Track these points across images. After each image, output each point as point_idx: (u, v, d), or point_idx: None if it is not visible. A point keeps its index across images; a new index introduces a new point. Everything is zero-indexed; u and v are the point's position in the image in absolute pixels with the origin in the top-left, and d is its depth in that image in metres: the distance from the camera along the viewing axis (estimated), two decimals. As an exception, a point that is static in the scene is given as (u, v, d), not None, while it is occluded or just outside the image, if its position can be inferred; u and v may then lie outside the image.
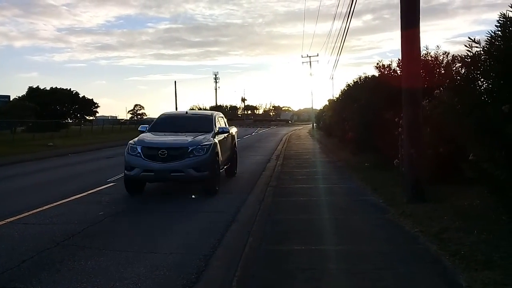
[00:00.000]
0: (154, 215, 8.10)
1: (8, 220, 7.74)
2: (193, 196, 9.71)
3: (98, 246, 6.11)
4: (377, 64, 12.79)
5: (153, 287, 4.60)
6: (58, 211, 8.53)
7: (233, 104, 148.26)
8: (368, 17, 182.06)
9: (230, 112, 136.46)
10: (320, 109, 45.94)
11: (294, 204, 8.56)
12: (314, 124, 54.36)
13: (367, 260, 5.02)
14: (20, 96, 61.61)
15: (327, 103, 35.54)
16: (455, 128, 7.06)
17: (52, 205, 9.07)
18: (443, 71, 11.61)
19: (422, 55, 10.16)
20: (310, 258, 5.17)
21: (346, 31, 17.38)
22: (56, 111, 60.08)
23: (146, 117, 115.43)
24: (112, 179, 12.78)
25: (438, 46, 11.50)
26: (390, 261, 4.96)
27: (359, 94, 14.75)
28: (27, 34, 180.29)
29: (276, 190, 10.06)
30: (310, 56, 59.96)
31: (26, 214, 8.23)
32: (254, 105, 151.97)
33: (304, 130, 58.34)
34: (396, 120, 9.66)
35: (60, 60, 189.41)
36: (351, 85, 19.09)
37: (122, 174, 10.02)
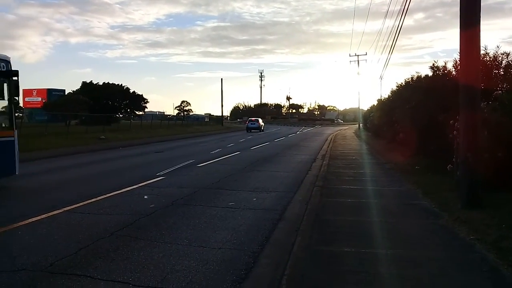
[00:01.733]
0: (202, 209, 8.22)
1: (66, 209, 8.12)
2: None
3: (149, 237, 6.29)
4: (433, 64, 12.40)
5: (204, 281, 4.67)
6: (111, 202, 8.85)
7: (278, 103, 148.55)
8: (420, 15, 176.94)
9: (274, 111, 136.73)
10: (368, 109, 44.99)
11: (342, 205, 8.44)
12: (361, 125, 53.33)
13: (421, 266, 4.87)
14: (75, 90, 64.34)
15: (375, 103, 34.78)
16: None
17: (105, 196, 9.42)
18: (502, 72, 11.11)
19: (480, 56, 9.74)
20: (360, 260, 5.08)
21: (399, 29, 16.93)
22: (107, 106, 62.19)
23: (192, 114, 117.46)
24: (162, 172, 13.12)
25: (498, 47, 10.99)
26: (445, 268, 4.78)
27: (411, 94, 14.31)
28: (82, 31, 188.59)
29: (323, 190, 9.96)
30: (358, 55, 58.78)
31: (82, 203, 8.59)
32: (299, 104, 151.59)
33: (350, 130, 57.44)
34: (451, 122, 9.32)
35: (112, 57, 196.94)
36: (402, 85, 18.59)
37: (172, 169, 10.24)
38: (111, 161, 18.07)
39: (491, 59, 11.10)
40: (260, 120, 57.68)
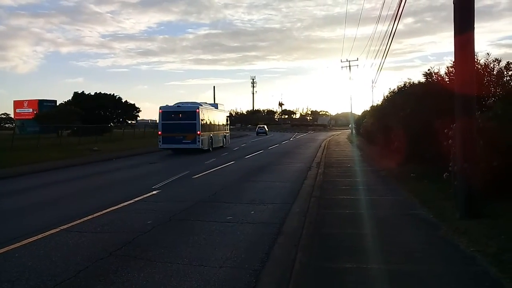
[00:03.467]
0: (200, 224, 8.17)
1: (63, 227, 8.03)
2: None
3: (149, 257, 6.23)
4: (428, 70, 12.50)
5: (207, 303, 4.63)
6: (108, 219, 8.78)
7: (270, 109, 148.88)
8: (409, 20, 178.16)
9: (267, 117, 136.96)
10: (361, 114, 45.19)
11: (340, 217, 8.43)
12: (353, 130, 53.54)
13: (422, 281, 4.87)
14: (66, 101, 64.06)
15: (368, 108, 34.97)
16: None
17: (102, 212, 9.34)
18: (493, 79, 11.19)
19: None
20: (362, 277, 5.06)
21: (393, 34, 16.98)
22: (100, 116, 62.00)
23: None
24: (157, 186, 13.05)
25: (488, 54, 11.07)
26: (447, 283, 4.78)
27: (405, 101, 14.38)
28: (73, 40, 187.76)
29: (320, 202, 9.95)
30: (349, 61, 59.22)
31: (78, 221, 8.51)
32: (291, 110, 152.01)
33: (342, 135, 57.63)
34: (445, 131, 9.36)
35: (103, 66, 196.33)
36: (395, 91, 18.68)
37: (167, 181, 10.19)
38: (105, 174, 17.94)
39: (483, 66, 11.18)
40: (266, 127, 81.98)
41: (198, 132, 27.23)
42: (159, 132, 27.93)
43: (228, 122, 38.25)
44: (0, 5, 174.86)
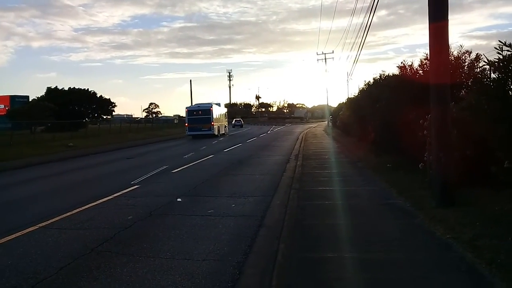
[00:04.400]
0: (182, 219, 8.17)
1: (41, 224, 7.93)
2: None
3: (131, 252, 6.22)
4: (401, 63, 12.75)
5: (192, 296, 4.66)
6: (87, 215, 8.69)
7: (247, 102, 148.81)
8: (382, 12, 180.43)
9: (244, 110, 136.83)
10: (338, 106, 45.67)
11: (320, 208, 8.56)
12: (330, 122, 54.07)
13: (403, 268, 5.02)
14: (39, 96, 62.49)
15: (344, 100, 35.36)
16: (485, 132, 6.99)
17: (81, 208, 9.25)
18: (466, 71, 11.48)
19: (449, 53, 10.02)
20: (343, 266, 5.19)
21: (368, 27, 17.23)
22: (74, 111, 60.75)
23: (161, 116, 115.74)
24: (136, 181, 12.96)
25: (461, 46, 11.34)
26: (426, 270, 4.94)
27: (380, 93, 14.63)
28: (45, 34, 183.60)
29: (299, 193, 10.07)
30: (325, 54, 59.69)
31: (57, 218, 8.41)
32: (268, 103, 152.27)
33: (319, 128, 58.13)
34: (420, 122, 9.58)
35: (77, 60, 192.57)
36: (370, 83, 18.96)
37: (145, 176, 10.13)
38: (82, 170, 17.69)
39: (455, 57, 11.45)
40: (242, 120, 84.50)
41: (212, 123, 40.79)
42: (186, 124, 41.82)
43: (227, 116, 53.27)
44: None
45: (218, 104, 48.56)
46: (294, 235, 6.65)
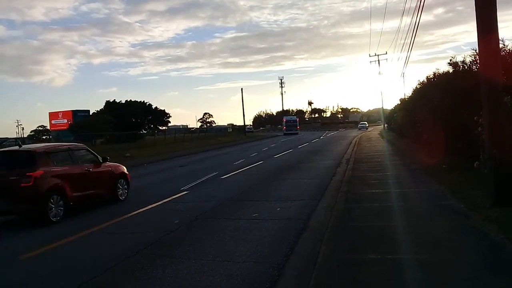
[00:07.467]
0: (226, 222, 8.21)
1: (94, 229, 8.25)
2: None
3: (174, 254, 6.31)
4: (450, 60, 12.13)
5: (228, 297, 4.65)
6: (136, 220, 8.97)
7: (300, 108, 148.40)
8: (439, 10, 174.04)
9: (297, 116, 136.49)
10: (392, 109, 44.41)
11: (368, 210, 8.29)
12: (385, 125, 52.62)
13: (450, 270, 4.73)
14: (99, 110, 65.76)
15: (399, 102, 34.28)
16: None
17: (131, 214, 9.54)
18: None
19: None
20: (387, 268, 4.97)
21: (416, 26, 16.65)
22: (131, 123, 63.31)
23: (215, 125, 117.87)
24: (185, 187, 13.21)
25: (518, 39, 10.62)
26: (475, 271, 4.63)
27: (432, 92, 14.04)
28: (104, 51, 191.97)
29: (348, 196, 9.83)
30: (378, 55, 58.13)
31: (109, 222, 8.74)
32: (321, 108, 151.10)
33: (374, 131, 56.77)
34: (475, 118, 9.08)
35: (134, 74, 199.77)
36: (423, 82, 18.25)
37: (195, 183, 10.31)
38: (136, 178, 18.22)
39: (510, 52, 10.77)
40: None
41: (298, 127, 75.91)
42: (284, 128, 76.50)
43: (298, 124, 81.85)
44: (34, 21, 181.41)
45: (295, 115, 72.99)
46: (337, 237, 6.48)
